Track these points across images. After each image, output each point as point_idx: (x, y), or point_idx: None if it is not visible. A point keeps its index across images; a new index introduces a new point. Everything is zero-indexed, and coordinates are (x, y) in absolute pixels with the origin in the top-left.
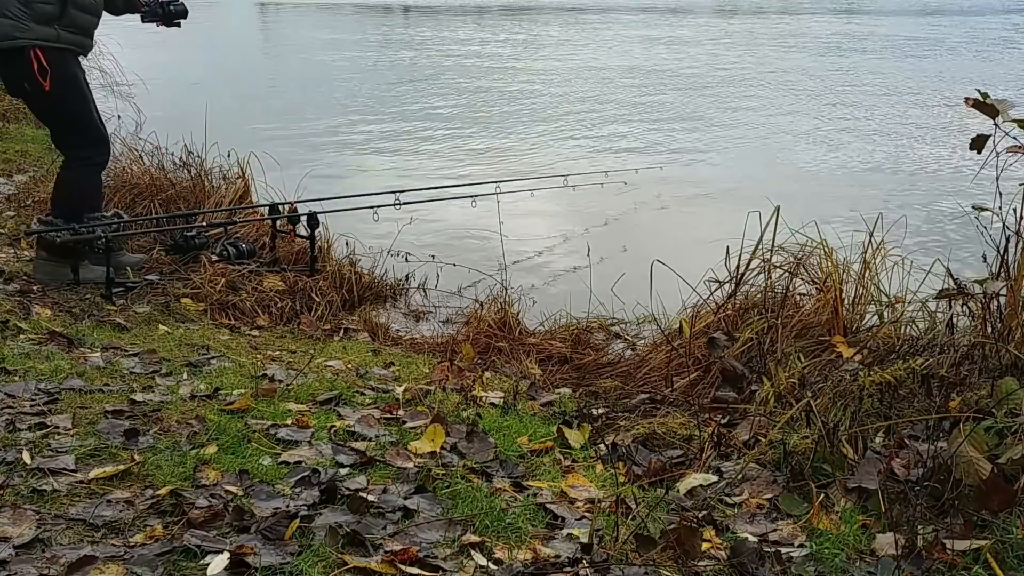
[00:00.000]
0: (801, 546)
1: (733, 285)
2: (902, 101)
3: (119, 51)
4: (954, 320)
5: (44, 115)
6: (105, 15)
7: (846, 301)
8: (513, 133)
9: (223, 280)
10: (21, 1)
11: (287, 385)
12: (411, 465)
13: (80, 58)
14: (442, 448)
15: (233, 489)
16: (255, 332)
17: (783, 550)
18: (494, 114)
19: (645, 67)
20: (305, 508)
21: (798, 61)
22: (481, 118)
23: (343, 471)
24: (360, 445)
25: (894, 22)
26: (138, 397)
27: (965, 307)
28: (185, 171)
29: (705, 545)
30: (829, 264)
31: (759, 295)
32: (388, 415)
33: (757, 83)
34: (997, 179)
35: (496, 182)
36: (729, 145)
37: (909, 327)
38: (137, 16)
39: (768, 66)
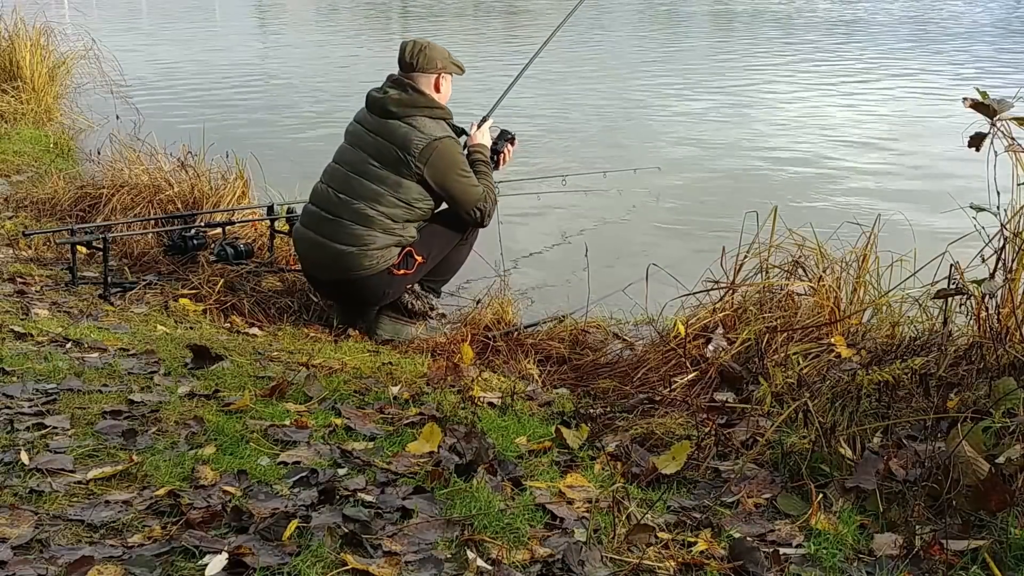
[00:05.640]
0: (799, 546)
1: (730, 285)
2: (903, 100)
3: (119, 51)
4: (952, 320)
5: None
6: None
7: (844, 301)
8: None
9: (222, 280)
10: (393, 204)
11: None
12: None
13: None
14: (440, 448)
15: (231, 489)
16: (254, 332)
17: (781, 550)
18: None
19: (643, 67)
20: (304, 508)
21: (798, 60)
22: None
23: (341, 471)
24: (359, 445)
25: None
26: (136, 397)
27: (963, 307)
28: (183, 172)
29: (703, 545)
30: (827, 264)
31: (757, 295)
32: (386, 415)
33: (756, 82)
34: (996, 179)
35: (495, 182)
36: (727, 145)
37: (907, 327)
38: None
39: (768, 66)
